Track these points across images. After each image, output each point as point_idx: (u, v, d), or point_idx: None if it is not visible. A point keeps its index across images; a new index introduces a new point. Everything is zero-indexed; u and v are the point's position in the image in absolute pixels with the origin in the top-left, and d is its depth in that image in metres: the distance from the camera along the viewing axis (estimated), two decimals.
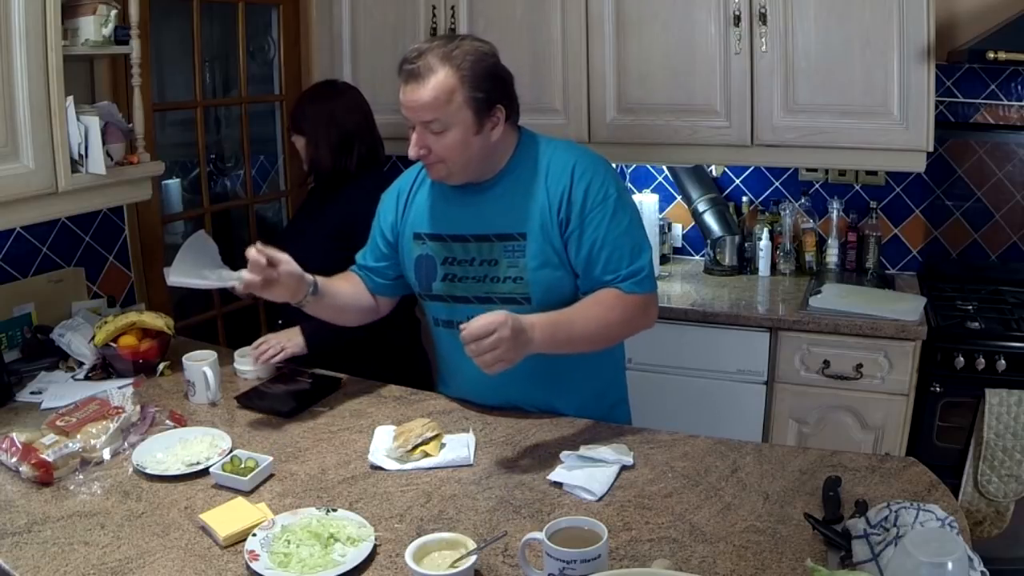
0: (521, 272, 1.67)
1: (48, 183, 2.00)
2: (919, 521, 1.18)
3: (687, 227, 3.21)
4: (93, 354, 2.11)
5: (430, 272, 1.75)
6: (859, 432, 2.51)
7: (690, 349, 2.65)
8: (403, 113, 1.61)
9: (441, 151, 1.61)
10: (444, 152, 1.61)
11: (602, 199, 1.65)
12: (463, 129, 1.59)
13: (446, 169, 1.64)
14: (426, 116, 1.58)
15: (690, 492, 1.45)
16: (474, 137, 1.61)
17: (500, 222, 1.68)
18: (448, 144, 1.60)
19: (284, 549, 1.27)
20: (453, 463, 1.57)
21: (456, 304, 1.73)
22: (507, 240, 1.67)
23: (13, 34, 1.88)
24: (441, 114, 1.57)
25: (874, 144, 2.52)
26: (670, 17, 2.66)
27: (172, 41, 2.85)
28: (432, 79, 1.56)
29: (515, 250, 1.67)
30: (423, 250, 1.76)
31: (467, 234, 1.70)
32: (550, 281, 1.67)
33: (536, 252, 1.66)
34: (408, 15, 2.95)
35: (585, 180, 1.65)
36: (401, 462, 1.58)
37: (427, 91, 1.56)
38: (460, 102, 1.57)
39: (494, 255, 1.69)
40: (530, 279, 1.67)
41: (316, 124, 2.25)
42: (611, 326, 1.66)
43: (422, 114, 1.58)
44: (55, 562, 1.28)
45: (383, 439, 1.65)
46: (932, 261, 2.93)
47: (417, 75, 1.57)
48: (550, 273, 1.67)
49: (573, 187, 1.64)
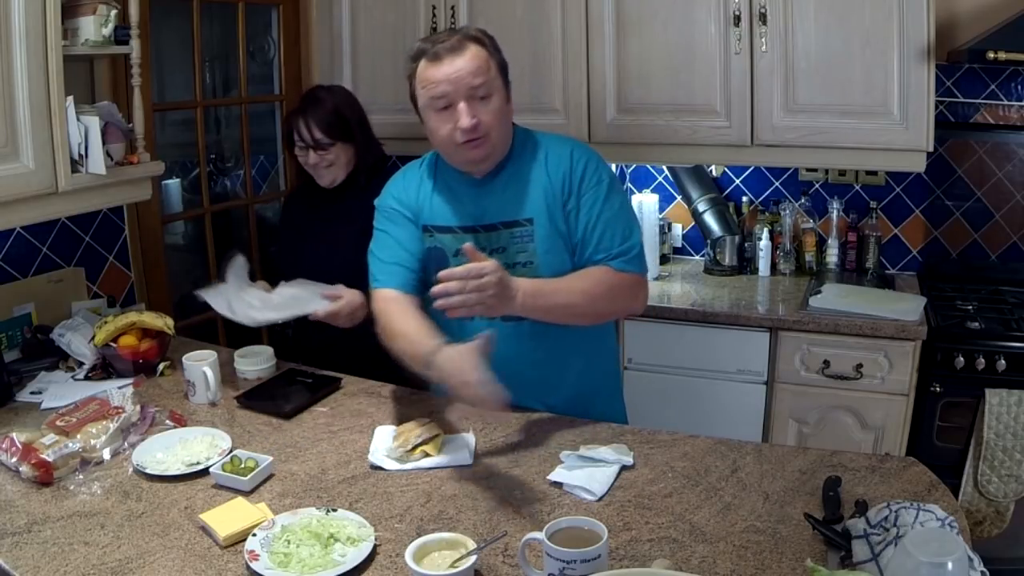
0: (531, 257, 1.70)
1: (48, 183, 2.00)
2: (919, 521, 1.18)
3: (687, 227, 3.21)
4: (93, 354, 2.11)
5: (440, 264, 1.73)
6: (859, 432, 2.51)
7: (690, 349, 2.65)
8: (436, 92, 1.62)
9: (489, 120, 1.63)
10: (492, 120, 1.63)
11: (596, 181, 1.71)
12: (500, 96, 1.66)
13: (489, 145, 1.66)
14: (475, 80, 1.60)
15: (690, 492, 1.45)
16: (507, 106, 1.68)
17: (506, 210, 1.71)
18: (493, 111, 1.64)
19: (284, 549, 1.27)
20: (453, 463, 1.57)
21: None
22: (514, 227, 1.70)
23: (13, 34, 1.88)
24: (486, 77, 1.62)
25: (874, 144, 2.52)
26: (670, 17, 2.66)
27: (172, 41, 2.85)
28: (468, 49, 1.61)
29: (523, 236, 1.70)
30: (432, 243, 1.76)
31: (476, 225, 1.73)
32: (560, 264, 1.70)
33: (544, 236, 1.70)
34: (408, 15, 2.95)
35: (583, 163, 1.71)
36: (401, 462, 1.58)
37: (471, 59, 1.60)
38: (495, 68, 1.65)
39: (502, 243, 1.71)
40: (540, 263, 1.70)
41: (364, 127, 2.24)
42: (596, 300, 1.68)
43: (470, 79, 1.60)
44: (55, 562, 1.28)
45: (383, 439, 1.65)
46: (932, 261, 2.93)
47: (454, 49, 1.61)
48: (558, 256, 1.70)
49: (573, 168, 1.71)
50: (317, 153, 2.19)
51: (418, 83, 1.66)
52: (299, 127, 2.19)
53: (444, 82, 1.60)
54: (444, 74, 1.60)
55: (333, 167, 2.21)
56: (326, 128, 2.17)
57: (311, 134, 2.17)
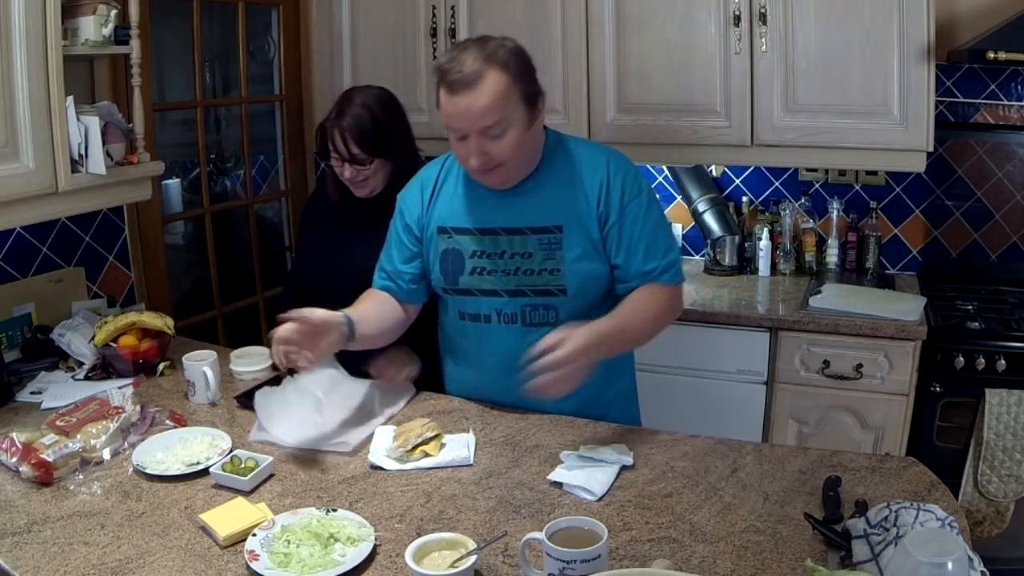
0: (558, 264, 1.69)
1: (48, 183, 2.00)
2: (919, 521, 1.18)
3: (687, 227, 3.21)
4: (93, 354, 2.11)
5: (457, 266, 1.74)
6: (859, 432, 2.51)
7: (690, 349, 2.65)
8: (451, 124, 1.59)
9: (501, 154, 1.60)
10: (504, 155, 1.60)
11: (637, 193, 1.70)
12: (520, 127, 1.60)
13: (505, 173, 1.64)
14: (487, 121, 1.55)
15: (690, 492, 1.45)
16: (527, 133, 1.62)
17: (534, 216, 1.69)
18: (507, 145, 1.59)
19: (284, 549, 1.27)
20: (453, 463, 1.57)
21: (484, 297, 1.73)
22: (543, 233, 1.68)
23: (13, 34, 1.89)
24: (501, 115, 1.56)
25: (874, 144, 2.52)
26: (670, 17, 2.65)
27: (172, 41, 2.85)
28: (486, 83, 1.53)
29: (551, 243, 1.68)
30: (449, 244, 1.75)
31: (497, 227, 1.71)
32: (588, 272, 1.70)
33: (574, 244, 1.68)
34: (408, 15, 2.94)
35: (621, 175, 1.70)
36: (401, 462, 1.58)
37: (484, 96, 1.53)
38: (516, 99, 1.58)
39: (528, 248, 1.70)
40: (567, 270, 1.69)
41: (405, 137, 2.05)
42: (658, 322, 1.72)
43: (482, 120, 1.55)
44: (55, 562, 1.28)
45: (383, 439, 1.65)
46: (932, 261, 2.93)
47: (468, 82, 1.53)
48: (588, 265, 1.69)
49: (611, 181, 1.69)
50: (354, 168, 1.98)
51: (439, 99, 1.61)
52: (334, 139, 1.97)
53: (456, 116, 1.57)
54: (457, 110, 1.56)
55: (370, 180, 2.01)
56: (364, 143, 1.96)
57: (347, 148, 1.95)
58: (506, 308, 1.72)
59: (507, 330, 1.73)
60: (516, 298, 1.71)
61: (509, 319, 1.73)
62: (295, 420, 1.69)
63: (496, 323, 1.74)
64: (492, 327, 1.74)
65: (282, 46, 3.18)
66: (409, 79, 2.95)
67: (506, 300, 1.72)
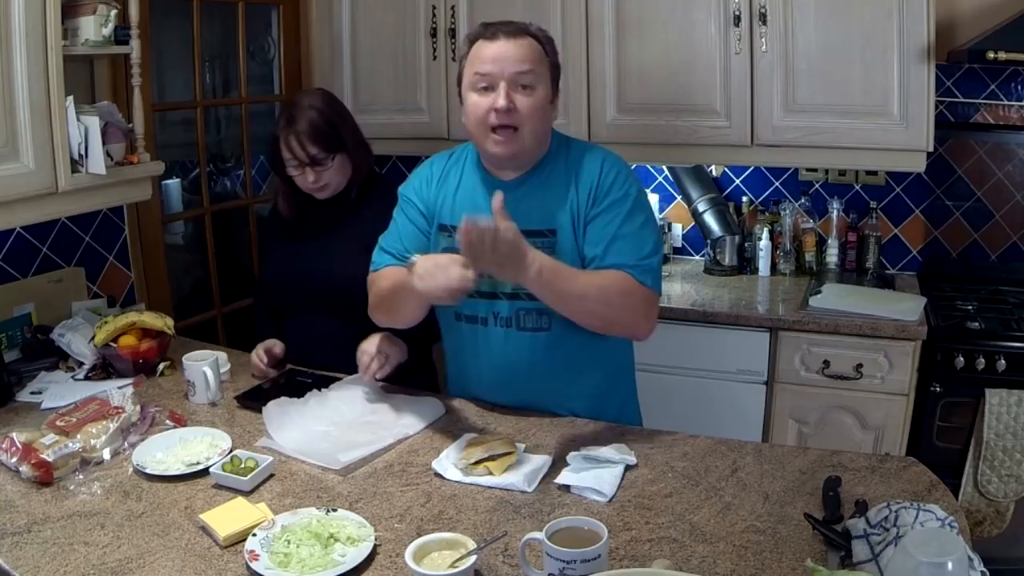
0: None
1: (48, 183, 2.00)
2: (919, 521, 1.18)
3: (687, 227, 3.21)
4: (93, 354, 2.11)
5: None
6: (859, 432, 2.51)
7: (690, 349, 2.65)
8: (482, 70, 1.61)
9: (525, 111, 1.61)
10: (528, 112, 1.61)
11: (623, 196, 1.68)
12: (544, 93, 1.64)
13: (518, 142, 1.64)
14: (522, 66, 1.60)
15: (690, 492, 1.45)
16: (548, 106, 1.66)
17: (529, 219, 1.66)
18: (533, 104, 1.62)
19: (284, 549, 1.27)
20: (510, 487, 1.48)
21: (481, 299, 1.73)
22: (537, 236, 1.66)
23: (13, 34, 1.88)
24: (533, 67, 1.62)
25: (874, 144, 2.52)
26: (670, 17, 2.66)
27: (172, 41, 2.85)
28: (525, 40, 1.62)
29: (545, 246, 1.66)
30: (449, 243, 1.74)
31: None
32: None
33: (567, 248, 1.68)
34: (408, 15, 2.94)
35: (611, 176, 1.69)
36: (464, 474, 1.52)
37: (523, 47, 1.61)
38: (546, 69, 1.65)
39: None
40: None
41: (356, 134, 2.06)
42: (609, 300, 1.61)
43: (518, 64, 1.60)
44: (55, 562, 1.28)
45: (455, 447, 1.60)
46: (932, 261, 2.93)
47: (510, 33, 1.61)
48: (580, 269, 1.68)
49: (601, 181, 1.69)
50: (315, 170, 1.98)
51: (468, 61, 1.65)
52: (291, 145, 1.96)
53: (492, 60, 1.60)
54: (494, 52, 1.60)
55: (332, 180, 2.02)
56: (320, 141, 1.96)
57: (305, 150, 1.95)
58: (502, 311, 1.72)
59: (501, 333, 1.73)
60: (513, 301, 1.70)
61: (504, 322, 1.72)
62: (301, 431, 1.69)
63: (492, 326, 1.74)
64: (488, 330, 1.74)
65: (282, 46, 3.18)
66: (409, 79, 2.95)
67: (503, 303, 1.71)
